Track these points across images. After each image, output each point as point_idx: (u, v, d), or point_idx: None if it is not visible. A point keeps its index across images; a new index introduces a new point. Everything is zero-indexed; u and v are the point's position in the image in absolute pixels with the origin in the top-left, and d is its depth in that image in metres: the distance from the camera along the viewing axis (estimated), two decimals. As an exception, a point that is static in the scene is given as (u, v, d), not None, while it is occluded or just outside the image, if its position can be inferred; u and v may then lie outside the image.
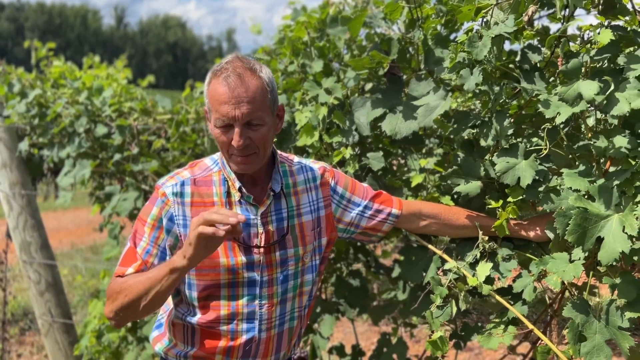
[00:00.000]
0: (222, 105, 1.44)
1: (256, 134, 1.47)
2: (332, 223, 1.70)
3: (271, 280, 1.59)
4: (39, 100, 2.95)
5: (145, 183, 2.69)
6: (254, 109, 1.44)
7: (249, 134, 1.47)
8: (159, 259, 1.56)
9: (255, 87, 1.45)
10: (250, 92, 1.43)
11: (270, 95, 1.49)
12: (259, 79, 1.46)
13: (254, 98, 1.44)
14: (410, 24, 1.85)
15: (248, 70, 1.46)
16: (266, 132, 1.49)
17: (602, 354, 1.45)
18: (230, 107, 1.43)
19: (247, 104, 1.43)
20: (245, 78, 1.44)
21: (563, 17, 1.72)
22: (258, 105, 1.45)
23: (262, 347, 1.63)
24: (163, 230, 1.55)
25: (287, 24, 2.18)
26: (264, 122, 1.48)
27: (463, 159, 1.72)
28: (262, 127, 1.48)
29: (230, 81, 1.43)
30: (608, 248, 1.39)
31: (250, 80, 1.44)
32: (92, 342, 2.65)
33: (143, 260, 1.56)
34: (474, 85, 1.56)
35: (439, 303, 1.61)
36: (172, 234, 1.55)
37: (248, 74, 1.45)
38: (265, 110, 1.48)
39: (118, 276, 1.55)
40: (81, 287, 6.32)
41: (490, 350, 4.28)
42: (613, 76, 1.47)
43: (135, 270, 1.54)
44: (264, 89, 1.46)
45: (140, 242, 1.57)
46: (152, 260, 1.56)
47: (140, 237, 1.58)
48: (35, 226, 3.24)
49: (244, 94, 1.43)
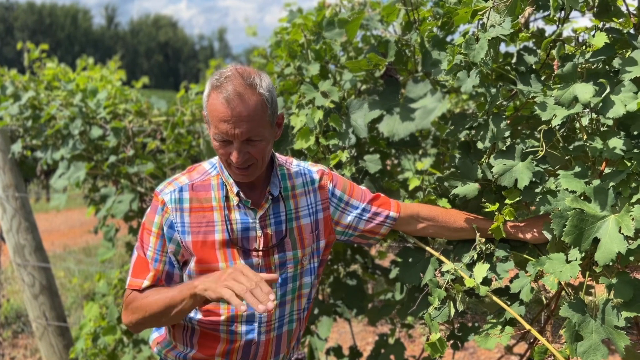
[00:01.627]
0: (221, 123, 1.43)
1: (255, 149, 1.48)
2: (330, 226, 1.70)
3: (270, 284, 1.59)
4: (33, 102, 2.93)
5: (140, 185, 2.68)
6: (253, 127, 1.44)
7: (248, 149, 1.47)
8: (169, 265, 1.58)
9: (255, 105, 1.44)
10: (250, 110, 1.43)
11: (270, 110, 1.48)
12: (258, 96, 1.45)
13: (254, 117, 1.43)
14: (407, 26, 1.85)
15: (248, 88, 1.44)
16: (265, 145, 1.50)
17: (599, 353, 1.47)
18: (230, 126, 1.43)
19: (246, 122, 1.43)
20: (245, 97, 1.43)
21: (558, 20, 1.73)
22: (257, 122, 1.45)
23: (262, 350, 1.64)
24: (166, 237, 1.57)
25: (284, 27, 2.18)
26: (263, 138, 1.48)
27: (460, 161, 1.73)
28: (261, 142, 1.48)
29: (231, 100, 1.42)
30: (605, 249, 1.40)
31: (251, 98, 1.44)
32: (88, 344, 2.64)
33: (155, 269, 1.57)
34: (471, 87, 1.57)
35: (437, 305, 1.62)
36: (174, 241, 1.56)
37: (248, 92, 1.44)
38: (265, 125, 1.47)
39: (135, 289, 1.58)
40: (74, 290, 6.28)
41: (485, 350, 4.30)
42: (608, 79, 1.48)
43: (150, 282, 1.56)
44: (264, 105, 1.46)
45: (148, 251, 1.59)
46: (163, 267, 1.58)
47: (147, 246, 1.59)
48: (29, 229, 3.22)
49: (244, 113, 1.42)
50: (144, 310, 1.53)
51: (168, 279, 1.59)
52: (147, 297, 1.53)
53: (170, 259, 1.58)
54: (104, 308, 2.72)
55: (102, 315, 2.69)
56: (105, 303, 2.73)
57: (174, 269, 1.59)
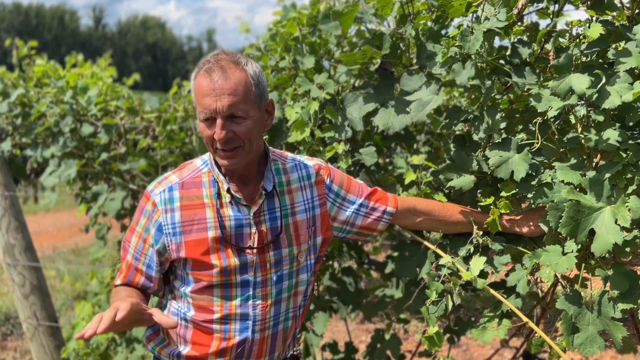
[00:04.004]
0: (204, 98, 1.42)
1: (240, 127, 1.45)
2: (327, 222, 1.68)
3: (265, 281, 1.58)
4: (22, 99, 2.89)
5: (132, 182, 2.66)
6: (236, 102, 1.42)
7: (232, 127, 1.45)
8: (147, 266, 1.59)
9: (238, 80, 1.43)
10: (232, 83, 1.42)
11: (256, 89, 1.47)
12: (242, 72, 1.45)
13: (236, 90, 1.42)
14: (401, 19, 1.85)
15: (232, 63, 1.45)
16: (251, 126, 1.47)
17: (595, 344, 1.47)
18: (212, 100, 1.41)
19: (228, 96, 1.41)
20: (228, 71, 1.43)
21: (552, 13, 1.74)
22: (240, 98, 1.43)
23: (256, 348, 1.62)
24: (151, 238, 1.56)
25: (278, 20, 2.17)
26: (248, 116, 1.46)
27: (455, 154, 1.73)
28: (245, 121, 1.45)
29: (213, 74, 1.42)
30: (601, 240, 1.40)
31: (234, 73, 1.43)
32: (80, 344, 2.61)
33: (131, 270, 1.61)
34: (467, 79, 1.57)
35: (434, 298, 1.62)
36: (160, 243, 1.55)
37: (232, 66, 1.44)
38: (249, 103, 1.45)
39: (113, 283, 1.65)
40: (64, 291, 6.22)
41: (478, 347, 4.32)
42: (603, 70, 1.49)
43: (121, 282, 1.62)
44: (247, 81, 1.45)
45: (129, 250, 1.61)
46: (141, 267, 1.60)
47: (129, 244, 1.62)
48: (19, 228, 3.19)
49: (226, 86, 1.41)
50: None
51: (146, 280, 1.60)
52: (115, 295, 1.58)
53: (148, 261, 1.58)
54: (96, 307, 2.69)
55: (95, 314, 2.67)
56: (97, 302, 2.70)
57: (152, 272, 1.59)
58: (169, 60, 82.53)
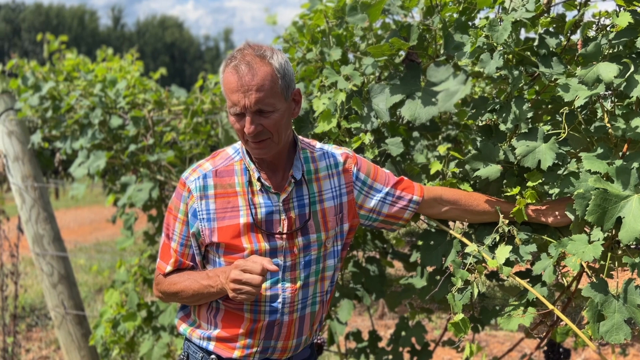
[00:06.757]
0: (232, 94, 1.47)
1: (268, 120, 1.49)
2: (354, 209, 1.72)
3: (294, 265, 1.62)
4: (52, 92, 2.96)
5: (160, 174, 2.71)
6: (263, 97, 1.46)
7: (261, 121, 1.49)
8: (193, 249, 1.65)
9: (264, 74, 1.46)
10: (258, 79, 1.45)
11: (282, 81, 1.50)
12: (268, 66, 1.48)
13: (263, 85, 1.46)
14: (428, 11, 1.87)
15: (257, 58, 1.48)
16: (278, 118, 1.51)
17: (621, 332, 1.48)
18: (240, 96, 1.46)
19: (255, 92, 1.45)
20: (254, 66, 1.46)
21: (579, 5, 1.75)
22: (267, 92, 1.47)
23: (285, 330, 1.65)
24: (189, 224, 1.62)
25: (305, 13, 2.21)
26: (275, 109, 1.50)
27: (482, 143, 1.75)
28: (273, 114, 1.50)
29: (240, 70, 1.46)
30: (628, 227, 1.41)
31: (260, 68, 1.46)
32: (108, 332, 2.66)
33: (178, 255, 1.66)
34: (495, 69, 1.58)
35: (460, 286, 1.64)
36: (195, 227, 1.61)
37: (257, 61, 1.47)
38: (276, 96, 1.49)
39: (161, 273, 1.71)
40: (87, 284, 6.33)
41: (497, 344, 4.31)
42: (631, 59, 1.49)
43: (172, 268, 1.67)
44: (273, 75, 1.48)
45: (174, 236, 1.66)
46: (188, 251, 1.66)
47: (172, 231, 1.66)
48: (48, 219, 3.26)
49: (253, 82, 1.45)
50: (173, 293, 1.65)
51: (194, 261, 1.66)
52: (175, 283, 1.64)
53: (193, 244, 1.64)
54: (123, 295, 2.75)
55: (122, 302, 2.72)
56: (125, 290, 2.76)
57: (198, 256, 1.66)
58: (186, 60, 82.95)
